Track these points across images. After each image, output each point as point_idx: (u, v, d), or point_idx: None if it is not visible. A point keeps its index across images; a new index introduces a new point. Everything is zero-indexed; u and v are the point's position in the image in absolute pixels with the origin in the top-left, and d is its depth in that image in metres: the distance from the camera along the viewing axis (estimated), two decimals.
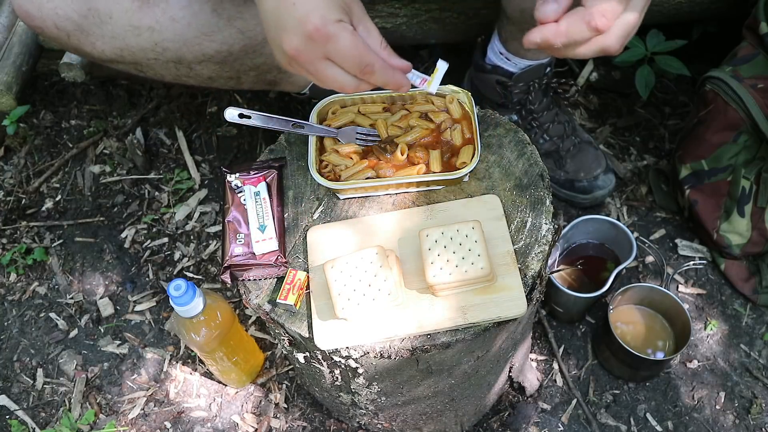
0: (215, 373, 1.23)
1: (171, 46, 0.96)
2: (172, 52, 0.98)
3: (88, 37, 0.95)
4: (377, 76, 0.72)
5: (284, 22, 0.69)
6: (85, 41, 0.96)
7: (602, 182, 1.36)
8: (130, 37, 0.95)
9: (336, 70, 0.71)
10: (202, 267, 1.41)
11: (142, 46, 0.96)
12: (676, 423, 1.20)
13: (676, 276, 1.33)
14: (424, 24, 1.34)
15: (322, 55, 0.70)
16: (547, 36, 0.69)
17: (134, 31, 0.94)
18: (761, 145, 1.21)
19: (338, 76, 0.72)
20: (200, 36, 0.96)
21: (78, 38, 0.96)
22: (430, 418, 1.06)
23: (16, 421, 1.26)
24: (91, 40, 0.96)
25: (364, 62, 0.70)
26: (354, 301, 0.77)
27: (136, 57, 0.98)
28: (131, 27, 0.94)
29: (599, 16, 0.66)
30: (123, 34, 0.95)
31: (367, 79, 0.72)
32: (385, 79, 0.73)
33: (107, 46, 0.96)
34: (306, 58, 0.70)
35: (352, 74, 0.72)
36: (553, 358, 1.26)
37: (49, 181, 1.56)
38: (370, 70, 0.71)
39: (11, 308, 1.40)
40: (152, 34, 0.95)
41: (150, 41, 0.95)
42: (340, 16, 0.69)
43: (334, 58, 0.70)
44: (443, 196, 0.89)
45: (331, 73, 0.72)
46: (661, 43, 1.38)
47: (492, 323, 0.79)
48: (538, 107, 1.33)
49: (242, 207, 0.88)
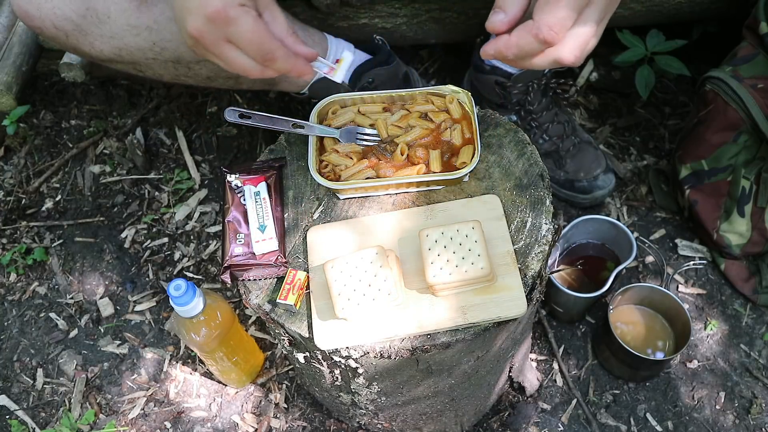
0: (215, 373, 1.23)
1: (169, 45, 0.97)
2: (171, 52, 0.98)
3: (87, 37, 0.96)
4: (279, 64, 0.73)
5: (189, 3, 0.71)
6: (84, 41, 0.96)
7: (602, 182, 1.36)
8: (128, 36, 0.95)
9: (238, 54, 0.73)
10: (202, 267, 1.41)
11: (140, 46, 0.96)
12: (676, 423, 1.20)
13: (676, 276, 1.33)
14: (424, 24, 1.34)
15: (224, 38, 0.71)
16: (500, 47, 0.68)
17: (132, 31, 0.94)
18: (761, 145, 1.21)
19: (241, 60, 0.73)
20: None
21: (77, 38, 0.96)
22: (430, 418, 1.06)
23: (16, 421, 1.26)
24: (89, 40, 0.96)
25: (265, 49, 0.71)
26: (354, 301, 0.77)
27: (134, 57, 0.98)
28: (129, 27, 0.94)
29: (546, 29, 0.65)
30: (121, 34, 0.95)
31: (270, 66, 0.73)
32: (287, 66, 0.74)
33: (106, 46, 0.97)
34: (208, 41, 0.72)
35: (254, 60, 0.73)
36: (553, 358, 1.26)
37: (49, 181, 1.56)
38: (271, 57, 0.72)
39: (11, 308, 1.40)
40: (150, 33, 0.95)
41: (148, 41, 0.96)
42: (243, 1, 0.70)
43: (236, 42, 0.72)
44: (443, 196, 0.89)
45: (233, 57, 0.73)
46: (661, 43, 1.38)
47: (492, 323, 0.79)
48: (538, 107, 1.33)
49: (242, 207, 0.88)
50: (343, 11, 1.29)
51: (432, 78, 1.61)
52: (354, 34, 1.27)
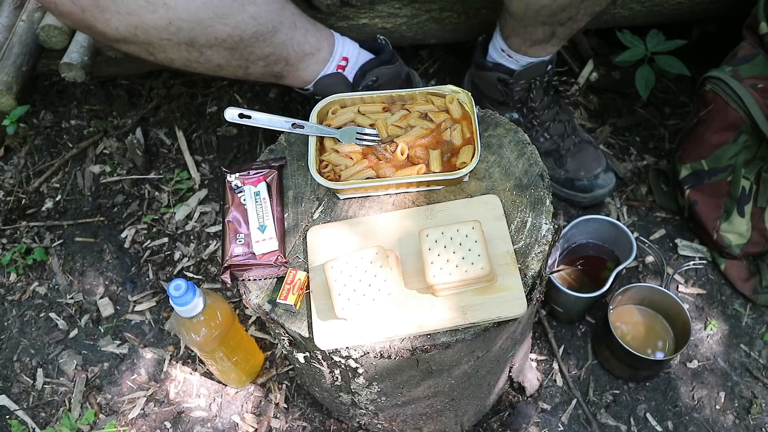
0: (215, 373, 1.23)
1: (185, 26, 0.96)
2: (185, 33, 0.98)
3: (104, 14, 0.94)
4: None
5: None
6: (100, 17, 0.95)
7: (602, 181, 1.36)
8: (145, 13, 0.94)
9: None
10: (202, 267, 1.41)
11: (156, 24, 0.96)
12: (676, 423, 1.20)
13: (676, 276, 1.33)
14: (424, 24, 1.34)
15: None
16: None
17: (149, 8, 0.94)
18: (761, 145, 1.21)
19: None
20: (213, 18, 0.97)
21: (92, 14, 0.94)
22: (430, 418, 1.06)
23: (16, 421, 1.26)
24: (106, 17, 0.95)
25: None
26: (354, 301, 0.77)
27: (149, 36, 0.98)
28: (147, 3, 0.93)
29: None
30: (138, 11, 0.94)
31: None
32: None
33: (122, 23, 0.95)
34: None
35: None
36: (553, 358, 1.26)
37: (49, 181, 1.56)
38: None
39: (11, 308, 1.40)
40: (167, 11, 0.94)
41: (164, 19, 0.95)
42: None
43: None
44: (443, 196, 0.89)
45: None
46: (661, 43, 1.38)
47: (492, 323, 0.79)
48: (539, 105, 1.33)
49: (242, 207, 0.88)
50: (343, 11, 1.29)
51: (432, 78, 1.61)
52: (354, 34, 1.27)
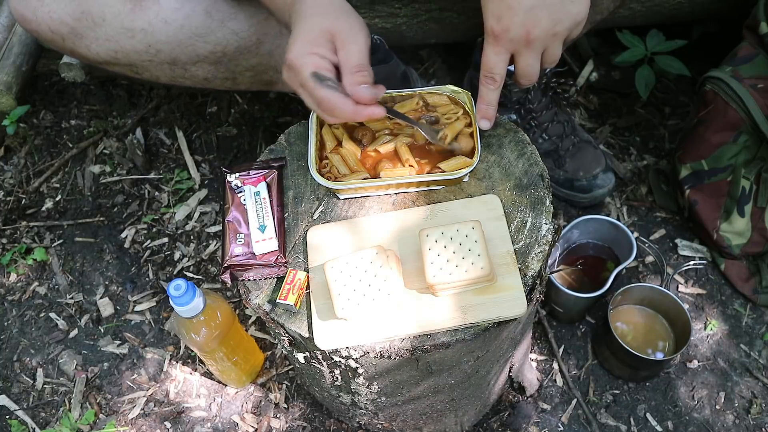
0: (215, 373, 1.23)
1: (164, 47, 0.97)
2: (166, 54, 0.98)
3: (83, 40, 0.96)
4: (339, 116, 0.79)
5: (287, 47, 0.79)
6: (80, 44, 0.97)
7: (602, 181, 1.36)
8: (123, 39, 0.96)
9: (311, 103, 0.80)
10: (202, 267, 1.41)
11: (136, 48, 0.97)
12: (676, 423, 1.20)
13: (676, 276, 1.33)
14: (424, 24, 1.34)
15: (299, 84, 0.78)
16: None
17: (127, 33, 0.95)
18: (761, 145, 1.21)
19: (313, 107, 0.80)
20: (193, 37, 0.97)
21: (73, 41, 0.96)
22: (430, 418, 1.06)
23: (16, 421, 1.26)
24: (85, 43, 0.96)
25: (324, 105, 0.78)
26: (354, 301, 0.77)
27: (130, 59, 0.99)
28: (124, 29, 0.94)
29: None
30: (116, 37, 0.95)
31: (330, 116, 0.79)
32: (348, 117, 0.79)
33: (102, 49, 0.97)
34: (290, 84, 0.80)
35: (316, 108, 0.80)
36: (553, 358, 1.26)
37: (49, 181, 1.56)
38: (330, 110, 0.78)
39: (11, 308, 1.40)
40: (145, 36, 0.95)
41: (143, 43, 0.96)
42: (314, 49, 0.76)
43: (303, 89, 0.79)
44: (443, 196, 0.89)
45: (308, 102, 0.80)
46: (661, 43, 1.38)
47: (492, 323, 0.79)
48: (538, 106, 1.33)
49: (242, 207, 0.88)
50: None
51: (432, 78, 1.61)
52: None
